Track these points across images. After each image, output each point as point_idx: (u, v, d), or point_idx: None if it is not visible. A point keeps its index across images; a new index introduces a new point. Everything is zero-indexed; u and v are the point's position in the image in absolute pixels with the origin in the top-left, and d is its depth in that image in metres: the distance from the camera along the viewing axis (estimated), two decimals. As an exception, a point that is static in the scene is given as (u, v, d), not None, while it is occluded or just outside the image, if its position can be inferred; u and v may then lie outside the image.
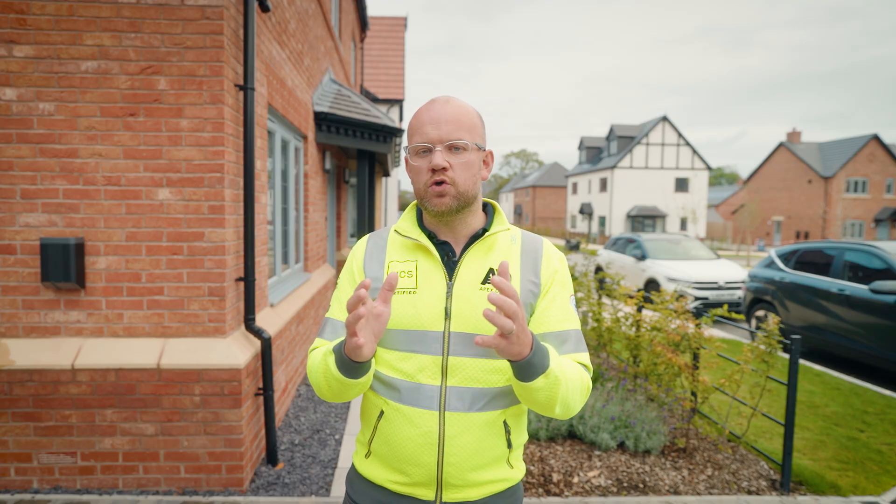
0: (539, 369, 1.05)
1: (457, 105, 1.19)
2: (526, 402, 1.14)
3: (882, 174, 36.62)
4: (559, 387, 1.09)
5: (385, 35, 17.16)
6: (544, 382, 1.06)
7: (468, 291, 1.18)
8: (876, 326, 5.85)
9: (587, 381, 1.19)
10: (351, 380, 1.12)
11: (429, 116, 1.17)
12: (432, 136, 1.16)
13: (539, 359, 1.05)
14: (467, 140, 1.17)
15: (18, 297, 3.01)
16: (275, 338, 3.77)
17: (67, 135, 2.95)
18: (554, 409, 1.13)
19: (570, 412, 1.17)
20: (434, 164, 1.15)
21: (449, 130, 1.15)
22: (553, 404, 1.11)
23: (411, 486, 1.19)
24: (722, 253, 31.07)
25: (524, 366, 1.03)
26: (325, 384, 1.17)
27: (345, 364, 1.10)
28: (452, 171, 1.16)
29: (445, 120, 1.16)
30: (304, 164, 5.55)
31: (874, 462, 3.82)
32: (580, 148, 47.01)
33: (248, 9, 3.16)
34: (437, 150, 1.15)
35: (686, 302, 4.16)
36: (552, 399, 1.09)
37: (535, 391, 1.07)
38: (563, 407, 1.14)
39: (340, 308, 1.26)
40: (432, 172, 1.16)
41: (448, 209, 1.18)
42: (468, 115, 1.19)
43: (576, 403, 1.16)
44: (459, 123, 1.17)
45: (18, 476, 3.05)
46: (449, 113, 1.17)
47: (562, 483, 3.30)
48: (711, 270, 10.13)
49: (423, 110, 1.19)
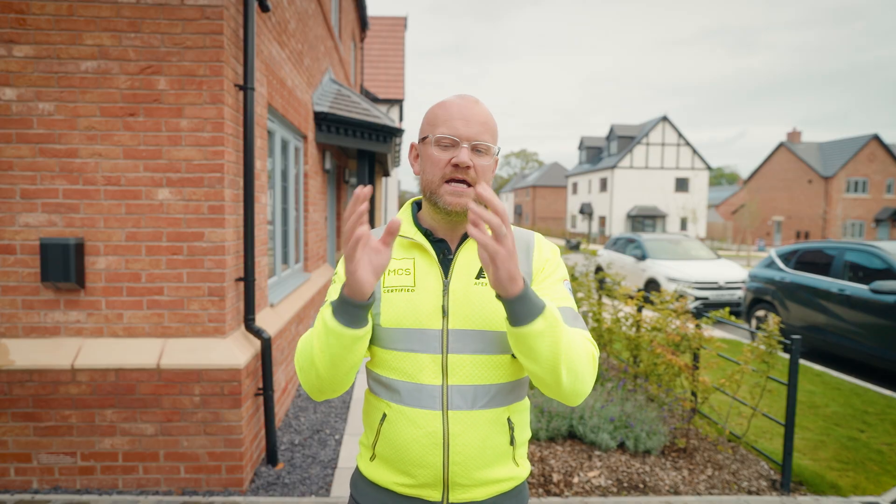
0: (537, 307, 0.98)
1: (484, 108, 1.19)
2: (529, 363, 1.04)
3: (882, 174, 36.62)
4: (561, 333, 1.01)
5: (385, 35, 17.16)
6: (544, 325, 0.98)
7: (464, 288, 1.17)
8: (876, 326, 5.85)
9: (592, 350, 1.13)
10: (349, 330, 1.02)
11: (460, 112, 1.15)
12: (462, 132, 1.14)
13: (534, 296, 0.99)
14: (491, 145, 1.17)
15: (18, 297, 3.01)
16: (275, 338, 3.77)
17: (67, 135, 2.95)
18: (560, 374, 1.04)
19: (580, 384, 1.08)
20: (460, 160, 1.13)
21: (478, 131, 1.15)
22: (558, 361, 1.02)
23: (418, 487, 1.18)
24: (722, 253, 31.06)
25: (521, 300, 0.96)
26: (318, 349, 1.07)
27: (344, 306, 1.02)
28: (474, 171, 1.15)
29: (477, 120, 1.15)
30: (304, 164, 5.55)
31: (874, 462, 3.82)
32: (580, 148, 47.01)
33: (248, 9, 3.16)
34: (463, 146, 1.14)
35: (686, 302, 4.16)
36: (555, 351, 1.01)
37: (536, 338, 0.99)
38: (571, 372, 1.05)
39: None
40: (453, 168, 1.14)
41: (462, 209, 1.16)
42: (493, 121, 1.19)
43: (584, 371, 1.08)
44: (487, 126, 1.17)
45: (18, 476, 3.05)
46: (479, 113, 1.17)
47: (562, 483, 3.30)
48: (711, 270, 10.13)
49: (453, 104, 1.17)
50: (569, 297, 1.21)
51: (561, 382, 1.05)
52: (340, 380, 1.11)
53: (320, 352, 1.07)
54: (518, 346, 1.03)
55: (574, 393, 1.09)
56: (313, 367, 1.10)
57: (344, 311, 1.02)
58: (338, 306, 1.03)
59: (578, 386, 1.08)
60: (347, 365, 1.08)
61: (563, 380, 1.05)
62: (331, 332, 1.04)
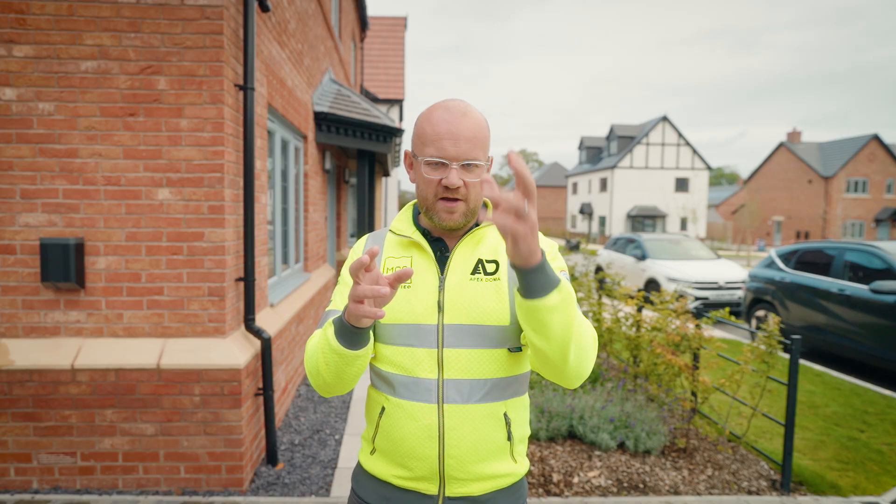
0: (552, 280, 0.98)
1: (473, 118, 1.17)
2: (539, 339, 1.03)
3: (882, 174, 36.62)
4: (574, 309, 1.02)
5: (385, 35, 17.16)
6: (559, 298, 0.98)
7: (459, 283, 1.19)
8: (876, 326, 5.85)
9: (594, 331, 1.14)
10: (350, 351, 1.08)
11: (447, 130, 1.14)
12: (450, 152, 1.13)
13: (551, 270, 0.98)
14: (482, 160, 1.17)
15: (18, 297, 3.01)
16: (275, 338, 3.77)
17: (67, 135, 2.95)
18: (569, 353, 1.04)
19: (584, 364, 1.09)
20: (449, 182, 1.13)
21: (467, 149, 1.14)
22: (569, 338, 1.02)
23: (414, 480, 1.20)
24: (722, 253, 31.07)
25: (538, 271, 0.96)
26: (322, 361, 1.14)
27: (345, 330, 1.07)
28: (465, 189, 1.16)
29: (464, 137, 1.14)
30: (304, 164, 5.55)
31: (874, 462, 3.82)
32: (580, 148, 47.01)
33: (248, 9, 3.16)
34: (453, 168, 1.14)
35: (686, 302, 4.16)
36: (568, 327, 1.00)
37: (550, 312, 0.98)
38: (578, 351, 1.06)
39: (343, 300, 1.26)
40: (444, 189, 1.16)
41: (456, 224, 1.20)
42: (482, 131, 1.18)
43: (589, 353, 1.09)
44: (475, 141, 1.15)
45: (18, 476, 3.05)
46: (467, 128, 1.15)
47: (562, 483, 3.30)
48: (711, 270, 10.13)
49: (440, 119, 1.15)
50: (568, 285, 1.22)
51: (568, 361, 1.06)
52: (347, 384, 1.18)
53: (325, 364, 1.14)
54: (530, 320, 1.02)
55: (577, 374, 1.10)
56: (319, 375, 1.17)
57: (344, 333, 1.08)
58: (339, 328, 1.08)
59: (582, 367, 1.09)
60: (351, 374, 1.15)
61: (570, 359, 1.05)
62: (333, 351, 1.10)
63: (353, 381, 1.18)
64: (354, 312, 1.00)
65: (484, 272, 1.20)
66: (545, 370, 1.10)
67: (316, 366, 1.17)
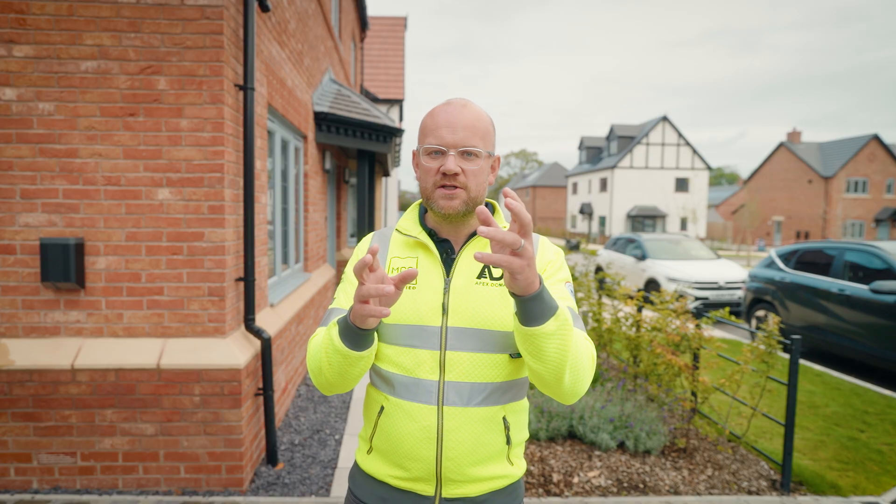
0: (550, 308, 0.98)
1: (473, 111, 1.19)
2: (534, 363, 1.05)
3: (882, 174, 36.62)
4: (570, 335, 1.02)
5: (385, 35, 17.16)
6: (556, 326, 0.99)
7: (464, 287, 1.19)
8: (876, 326, 5.85)
9: (592, 350, 1.15)
10: (354, 352, 1.09)
11: (446, 119, 1.17)
12: (447, 139, 1.15)
13: (549, 297, 0.99)
14: (480, 148, 1.17)
15: (18, 297, 3.01)
16: (275, 338, 3.77)
17: (67, 135, 2.95)
18: (563, 375, 1.05)
19: (579, 384, 1.10)
20: (447, 168, 1.15)
21: (465, 136, 1.16)
22: (563, 362, 1.03)
23: (411, 480, 1.20)
24: (722, 253, 31.06)
25: (536, 299, 0.97)
26: (325, 361, 1.14)
27: (349, 332, 1.07)
28: (464, 176, 1.17)
29: (462, 125, 1.16)
30: (304, 164, 5.55)
31: (874, 462, 3.82)
32: (580, 148, 47.00)
33: (248, 9, 3.16)
34: (450, 154, 1.15)
35: (686, 302, 4.16)
36: (563, 353, 1.02)
37: (546, 339, 1.00)
38: (574, 373, 1.07)
39: (347, 298, 1.26)
40: (442, 175, 1.17)
41: (456, 212, 1.19)
42: (483, 122, 1.19)
43: (585, 373, 1.10)
44: (475, 130, 1.17)
45: (18, 476, 3.05)
46: (465, 118, 1.17)
47: (562, 483, 3.30)
48: (711, 270, 10.13)
49: (440, 112, 1.19)
50: (570, 298, 1.22)
51: (563, 382, 1.07)
52: (350, 383, 1.19)
53: (328, 364, 1.15)
54: (526, 345, 1.04)
55: (573, 393, 1.12)
56: (322, 374, 1.18)
57: (349, 335, 1.08)
58: (343, 329, 1.09)
59: (578, 386, 1.11)
60: (354, 374, 1.16)
61: (565, 380, 1.07)
62: (337, 352, 1.11)
63: (355, 380, 1.19)
64: (360, 312, 1.00)
65: (490, 276, 1.20)
66: (541, 387, 1.13)
67: (318, 365, 1.17)
